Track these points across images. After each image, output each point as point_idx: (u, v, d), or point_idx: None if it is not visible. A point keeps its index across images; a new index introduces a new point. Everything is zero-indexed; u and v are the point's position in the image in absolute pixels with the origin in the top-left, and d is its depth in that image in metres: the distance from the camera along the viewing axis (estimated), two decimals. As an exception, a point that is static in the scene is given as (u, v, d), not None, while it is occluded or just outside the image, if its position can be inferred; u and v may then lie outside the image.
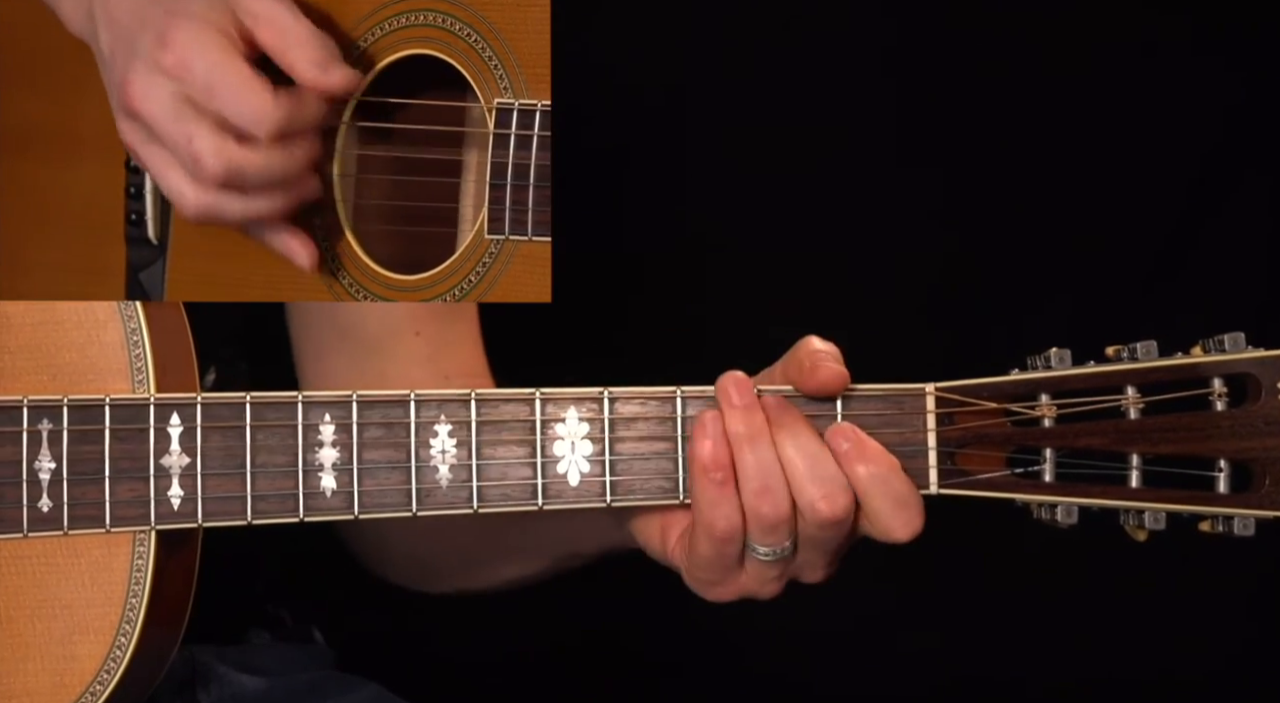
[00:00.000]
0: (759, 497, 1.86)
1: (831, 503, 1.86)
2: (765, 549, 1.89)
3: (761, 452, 1.86)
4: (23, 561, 1.93)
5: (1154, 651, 3.38)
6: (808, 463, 1.86)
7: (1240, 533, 1.86)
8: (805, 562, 1.92)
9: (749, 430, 1.87)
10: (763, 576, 1.92)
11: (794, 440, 1.87)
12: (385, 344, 2.29)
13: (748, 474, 1.86)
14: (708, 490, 1.87)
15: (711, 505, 1.88)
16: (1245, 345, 1.86)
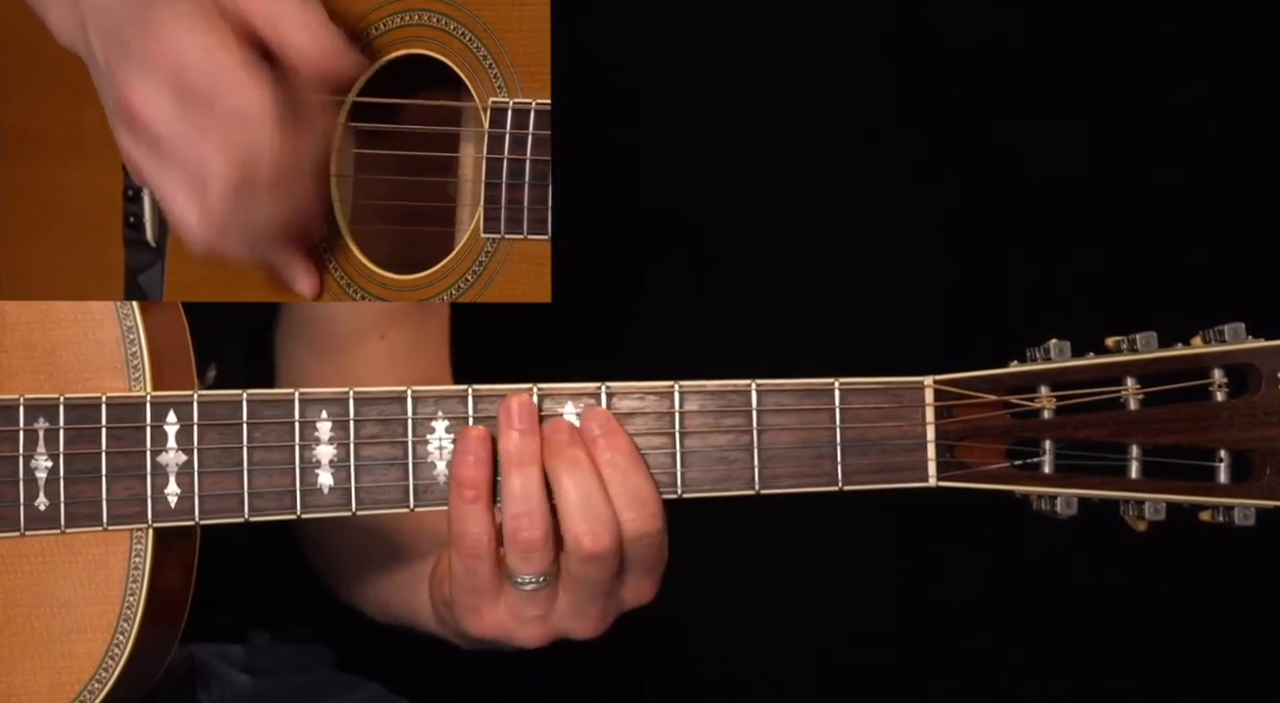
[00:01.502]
0: (517, 519, 1.86)
1: (595, 539, 1.85)
2: (523, 577, 1.88)
3: (528, 477, 1.86)
4: (20, 559, 1.93)
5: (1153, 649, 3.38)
6: (581, 498, 1.85)
7: (1241, 523, 1.85)
8: (569, 609, 1.91)
9: (519, 454, 1.86)
10: (522, 611, 1.91)
11: (572, 473, 1.86)
12: (349, 344, 2.30)
13: (512, 496, 1.86)
14: (459, 506, 1.87)
15: (461, 520, 1.88)
16: (1245, 335, 1.85)
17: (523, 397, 1.89)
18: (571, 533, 1.86)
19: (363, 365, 2.29)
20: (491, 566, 1.89)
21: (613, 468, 1.87)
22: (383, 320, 2.31)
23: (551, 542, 1.87)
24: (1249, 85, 3.30)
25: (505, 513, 1.87)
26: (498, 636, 1.93)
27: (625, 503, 1.87)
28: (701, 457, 1.90)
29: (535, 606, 1.90)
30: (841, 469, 1.91)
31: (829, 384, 1.91)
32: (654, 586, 1.93)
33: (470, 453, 1.87)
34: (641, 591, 1.93)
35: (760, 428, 1.91)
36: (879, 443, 1.90)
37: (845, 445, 1.90)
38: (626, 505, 1.86)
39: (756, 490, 1.90)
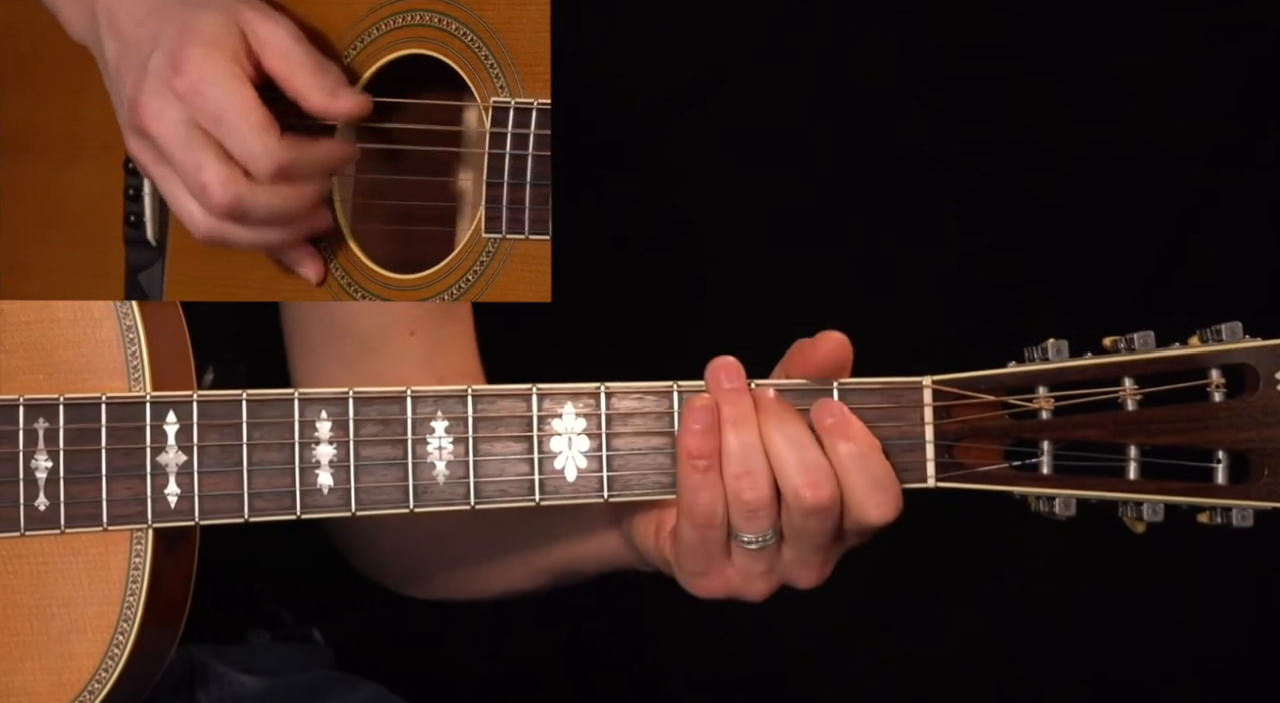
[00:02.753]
0: (739, 479, 1.87)
1: (816, 490, 1.86)
2: (749, 536, 1.90)
3: (745, 435, 1.87)
4: (20, 559, 1.93)
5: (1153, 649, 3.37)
6: (795, 452, 1.87)
7: (1239, 524, 1.86)
8: (793, 559, 1.93)
9: (735, 414, 1.88)
10: (749, 568, 1.93)
11: (782, 429, 1.87)
12: (379, 344, 2.29)
13: (730, 457, 1.87)
14: (690, 476, 1.88)
15: (693, 490, 1.89)
16: (1243, 335, 1.85)
17: (727, 358, 1.91)
18: (791, 487, 1.87)
19: (397, 364, 2.28)
20: (723, 532, 1.90)
21: (852, 457, 1.88)
22: (409, 318, 2.30)
23: (775, 500, 1.88)
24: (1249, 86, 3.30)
25: (726, 474, 1.88)
26: (723, 594, 1.96)
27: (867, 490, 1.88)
28: (700, 456, 1.91)
29: (762, 562, 1.92)
30: (840, 469, 1.91)
31: (828, 384, 1.91)
32: (884, 506, 1.91)
33: (697, 422, 1.88)
34: (862, 536, 1.94)
35: (760, 428, 1.91)
36: (877, 439, 1.90)
37: (844, 445, 1.91)
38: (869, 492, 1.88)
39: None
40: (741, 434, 1.87)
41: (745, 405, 1.88)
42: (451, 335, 2.32)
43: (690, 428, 1.88)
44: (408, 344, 2.29)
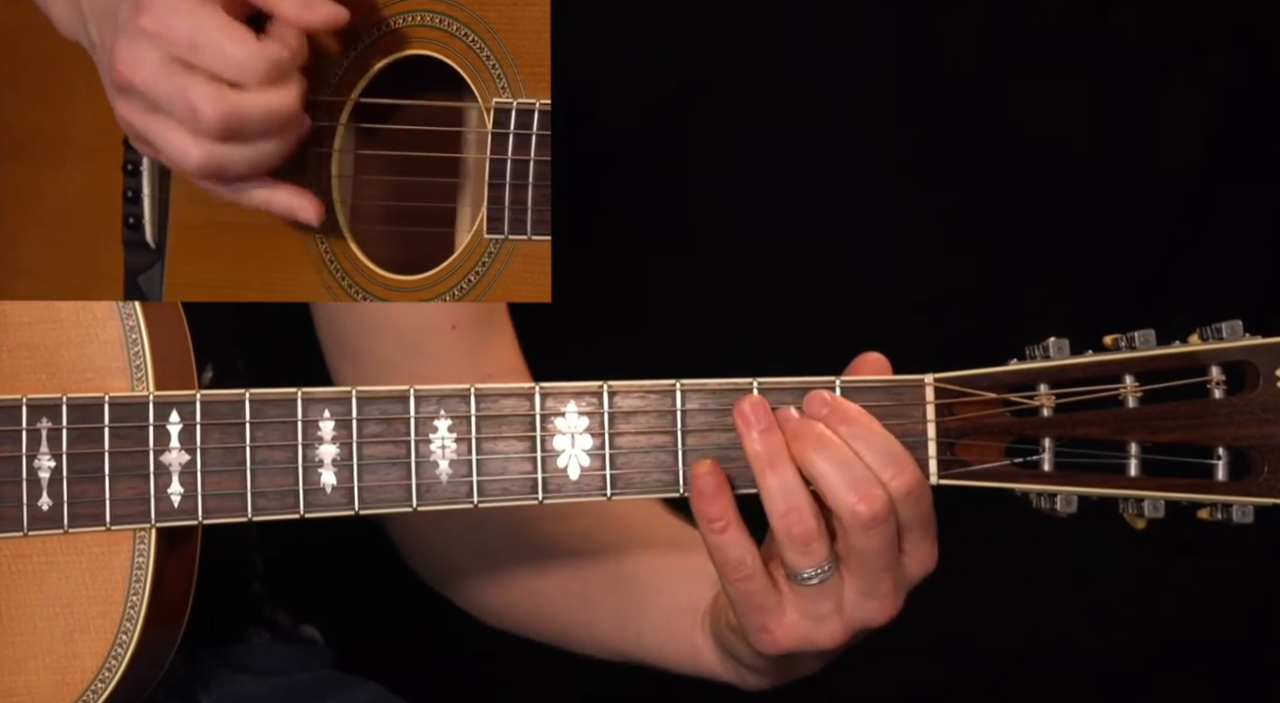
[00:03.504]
0: (785, 518, 1.85)
1: (870, 503, 1.83)
2: (807, 571, 1.87)
3: (783, 473, 1.85)
4: (23, 559, 1.93)
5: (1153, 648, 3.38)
6: (840, 471, 1.84)
7: (1239, 520, 1.86)
8: (860, 592, 1.88)
9: (769, 454, 1.86)
10: (813, 609, 1.89)
11: (821, 452, 1.85)
12: (421, 341, 2.28)
13: (773, 497, 1.85)
14: (710, 538, 1.87)
15: (718, 549, 1.88)
16: (1243, 333, 1.86)
17: (754, 396, 1.88)
18: (844, 507, 1.83)
19: (441, 361, 2.28)
20: (764, 581, 1.87)
21: (854, 438, 1.85)
22: (449, 311, 2.29)
23: (824, 529, 1.85)
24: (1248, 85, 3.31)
25: (772, 515, 1.85)
26: (797, 645, 1.90)
27: (881, 465, 1.85)
28: (704, 455, 1.90)
29: (825, 599, 1.88)
30: (842, 468, 1.91)
31: (830, 382, 1.91)
32: (935, 548, 1.90)
33: (706, 489, 1.87)
34: (925, 555, 1.90)
35: (761, 427, 1.91)
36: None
37: (847, 444, 1.91)
38: (884, 466, 1.85)
39: (758, 489, 1.90)
40: (780, 472, 1.85)
41: (777, 442, 1.86)
42: (494, 328, 2.32)
43: (700, 494, 1.87)
44: (450, 338, 2.29)
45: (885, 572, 1.88)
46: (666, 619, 2.17)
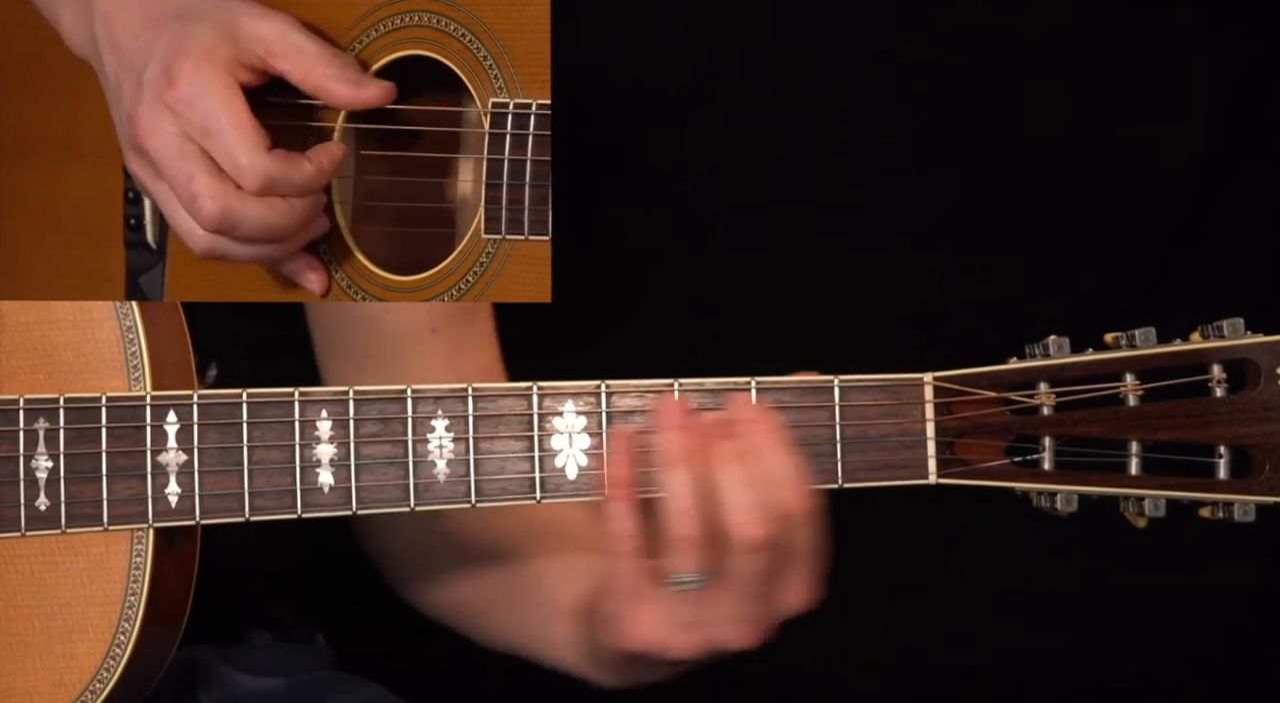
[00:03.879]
0: (678, 516, 1.85)
1: (755, 527, 1.84)
2: (682, 576, 1.87)
3: (686, 473, 1.86)
4: (21, 559, 1.93)
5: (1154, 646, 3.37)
6: (740, 490, 1.85)
7: (1240, 519, 1.86)
8: (729, 612, 1.89)
9: (679, 452, 1.86)
10: (676, 615, 1.89)
11: (730, 466, 1.85)
12: (402, 345, 2.28)
13: (673, 494, 1.85)
14: (609, 504, 1.88)
15: (613, 518, 1.88)
16: (1244, 331, 1.86)
17: (675, 396, 1.90)
18: (733, 524, 1.84)
19: (420, 364, 2.28)
20: (639, 564, 1.88)
21: (766, 452, 1.86)
22: (432, 316, 2.29)
23: (711, 537, 1.85)
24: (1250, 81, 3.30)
25: (666, 512, 1.86)
26: (650, 645, 1.91)
27: (780, 484, 1.85)
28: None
29: (691, 609, 1.89)
30: (841, 467, 1.91)
31: (828, 381, 1.91)
32: (810, 585, 1.90)
33: (623, 452, 1.88)
34: (800, 591, 1.90)
35: (760, 426, 1.91)
36: (879, 440, 1.90)
37: (845, 443, 1.91)
38: (781, 486, 1.85)
39: None
40: (685, 473, 1.85)
41: (689, 442, 1.86)
42: (475, 333, 2.32)
43: (618, 458, 1.88)
44: (431, 342, 2.29)
45: (757, 599, 1.88)
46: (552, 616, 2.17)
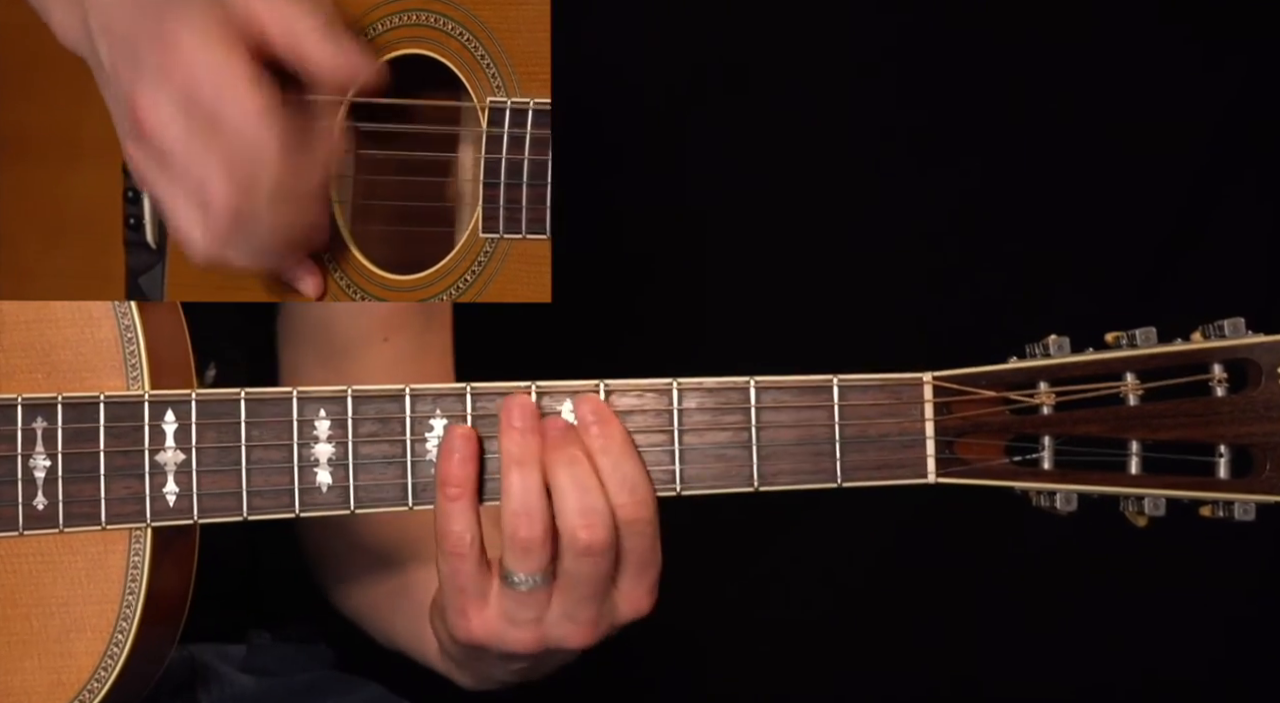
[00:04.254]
0: (516, 517, 1.86)
1: (592, 532, 1.85)
2: (519, 576, 1.87)
3: (528, 475, 1.86)
4: (19, 558, 1.93)
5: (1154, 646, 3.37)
6: (578, 494, 1.85)
7: (1241, 518, 1.85)
8: (562, 613, 1.90)
9: (520, 453, 1.86)
10: (514, 613, 1.90)
11: (570, 469, 1.86)
12: (352, 349, 2.30)
13: (511, 495, 1.86)
14: (441, 504, 1.88)
15: (445, 517, 1.88)
16: (1245, 330, 1.85)
17: (523, 396, 1.89)
18: (568, 527, 1.85)
19: (367, 370, 2.30)
20: (475, 565, 1.88)
21: (605, 455, 1.87)
22: (386, 324, 2.31)
23: (549, 539, 1.86)
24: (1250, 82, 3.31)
25: (504, 511, 1.86)
26: (488, 639, 1.91)
27: (617, 489, 1.86)
28: (700, 454, 1.90)
29: (528, 607, 1.89)
30: (840, 466, 1.90)
31: (828, 381, 1.91)
32: (648, 595, 1.92)
33: (455, 451, 1.87)
34: (636, 599, 1.92)
35: (759, 425, 1.90)
36: (878, 440, 1.90)
37: (844, 442, 1.90)
38: (618, 491, 1.86)
39: (755, 488, 1.90)
40: (525, 475, 1.86)
41: (532, 446, 1.86)
42: (426, 344, 2.33)
43: (449, 456, 1.87)
44: (380, 350, 2.30)
45: (591, 601, 1.89)
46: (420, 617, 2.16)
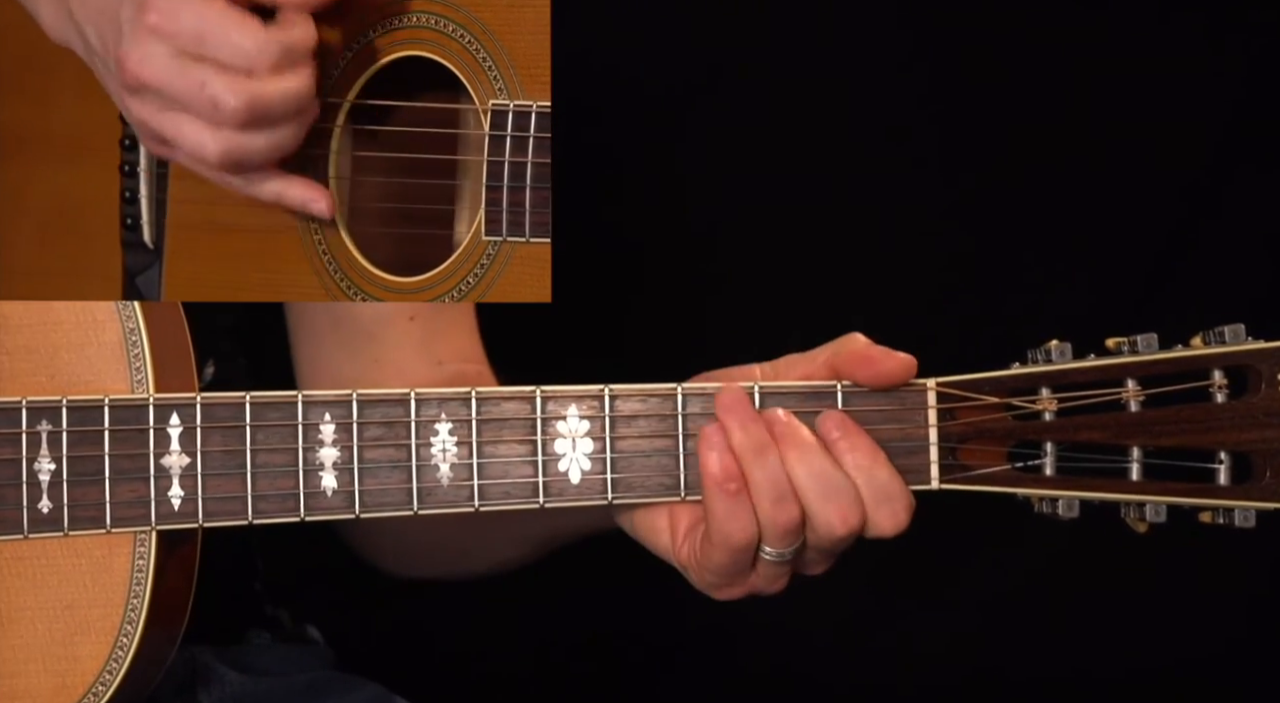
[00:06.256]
0: (776, 507, 1.87)
1: (846, 521, 1.87)
2: (777, 552, 1.90)
3: (770, 466, 1.87)
4: (23, 561, 1.93)
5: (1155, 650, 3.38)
6: (819, 483, 1.87)
7: (1241, 525, 1.86)
8: (809, 561, 1.94)
9: (755, 444, 1.87)
10: (772, 575, 1.93)
11: (804, 462, 1.87)
12: (379, 331, 2.29)
13: (760, 488, 1.86)
14: (722, 502, 1.87)
15: (728, 517, 1.88)
16: (1245, 337, 1.86)
17: (734, 388, 1.90)
18: (821, 517, 1.87)
19: (397, 350, 2.28)
20: (754, 553, 1.90)
21: (858, 470, 1.88)
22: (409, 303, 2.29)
23: (804, 520, 1.88)
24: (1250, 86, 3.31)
25: (760, 504, 1.86)
26: (743, 596, 1.95)
27: (875, 501, 1.87)
28: (705, 460, 1.91)
29: (786, 566, 1.92)
30: (844, 471, 1.91)
31: (831, 386, 1.91)
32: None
33: (714, 448, 1.87)
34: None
35: (764, 430, 1.91)
36: (882, 445, 1.90)
37: (848, 448, 1.91)
38: (878, 504, 1.88)
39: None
40: (767, 465, 1.86)
41: (762, 434, 1.87)
42: (451, 320, 2.32)
43: (709, 454, 1.87)
44: (407, 328, 2.29)
45: (835, 554, 1.93)
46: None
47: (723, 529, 1.88)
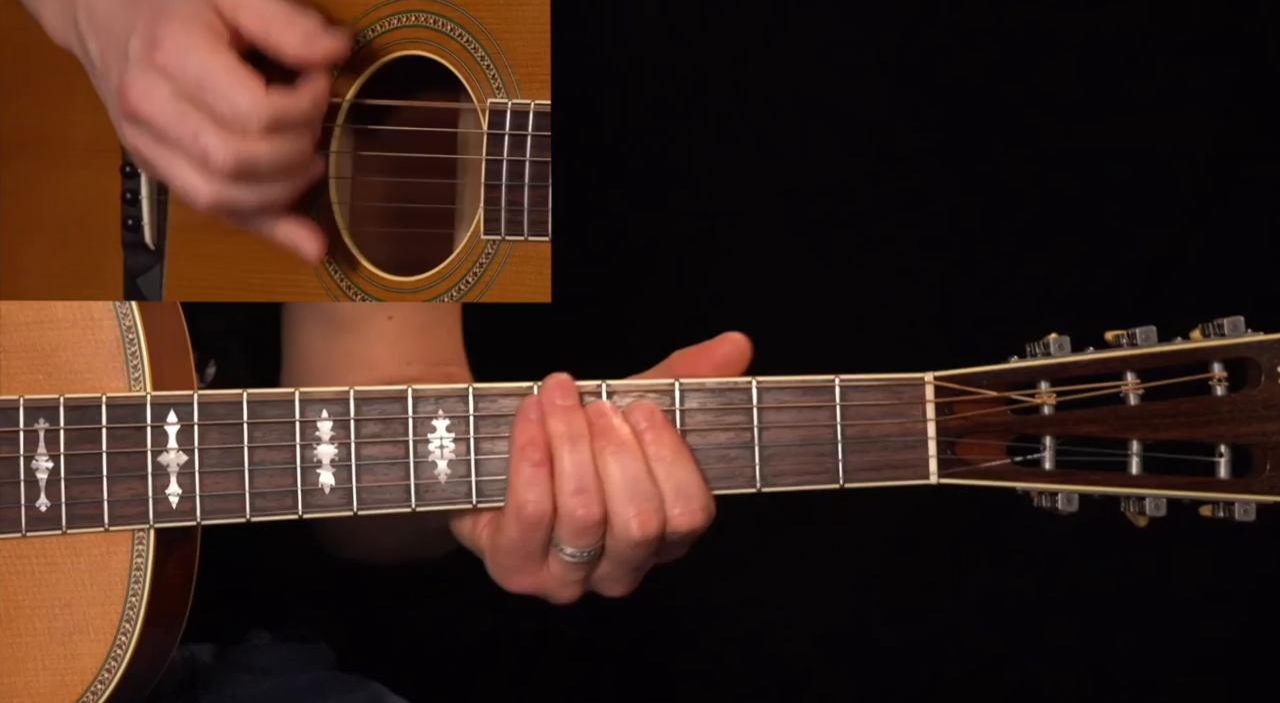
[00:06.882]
0: (574, 497, 1.86)
1: (644, 525, 1.86)
2: (572, 550, 1.89)
3: (580, 453, 1.86)
4: (22, 560, 1.93)
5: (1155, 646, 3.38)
6: (627, 481, 1.86)
7: (1241, 518, 1.86)
8: (608, 575, 1.92)
9: (569, 431, 1.87)
10: (564, 576, 1.92)
11: (617, 456, 1.87)
12: (356, 325, 2.29)
13: (564, 474, 1.86)
14: (523, 469, 1.87)
15: (525, 486, 1.87)
16: (1245, 329, 1.85)
17: (561, 375, 1.89)
18: (620, 517, 1.86)
19: (371, 345, 2.28)
20: (546, 535, 1.89)
21: (659, 462, 1.87)
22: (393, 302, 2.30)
23: (604, 520, 1.87)
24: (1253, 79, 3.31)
25: (561, 491, 1.86)
26: (534, 593, 1.94)
27: (673, 498, 1.87)
28: (702, 455, 1.90)
29: (579, 572, 1.91)
30: (842, 467, 1.91)
31: (829, 381, 1.91)
32: (688, 549, 1.93)
33: (530, 420, 1.87)
34: (677, 556, 1.93)
35: (761, 426, 1.91)
36: (880, 440, 1.90)
37: (846, 443, 1.90)
38: (674, 501, 1.87)
39: (758, 488, 1.90)
40: (576, 452, 1.86)
41: (579, 423, 1.87)
42: (429, 322, 2.32)
43: (523, 424, 1.87)
44: (383, 326, 2.29)
45: (639, 571, 1.92)
46: None
47: (517, 497, 1.87)
